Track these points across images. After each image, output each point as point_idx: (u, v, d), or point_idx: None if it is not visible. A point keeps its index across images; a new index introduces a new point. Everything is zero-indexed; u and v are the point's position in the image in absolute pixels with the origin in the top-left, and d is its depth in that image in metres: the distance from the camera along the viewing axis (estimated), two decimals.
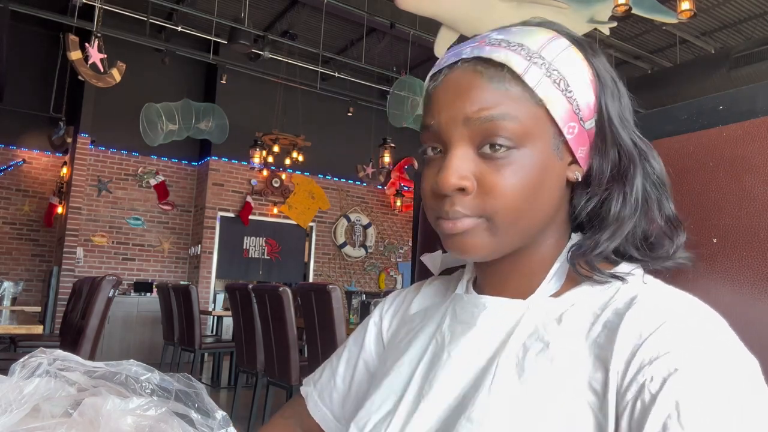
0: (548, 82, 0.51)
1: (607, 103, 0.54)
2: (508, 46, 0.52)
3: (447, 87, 0.53)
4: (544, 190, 0.52)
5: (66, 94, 7.82)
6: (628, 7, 4.36)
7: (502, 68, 0.51)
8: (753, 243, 0.55)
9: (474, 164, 0.52)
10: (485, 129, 0.51)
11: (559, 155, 0.53)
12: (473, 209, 0.52)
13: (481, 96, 0.51)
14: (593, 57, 0.55)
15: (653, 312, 0.45)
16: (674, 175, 0.60)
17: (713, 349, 0.42)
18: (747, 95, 0.58)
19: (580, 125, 0.53)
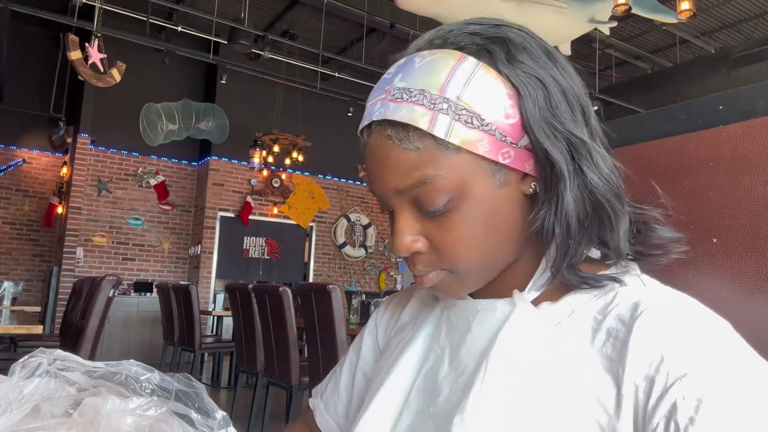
0: (460, 126, 0.48)
1: (529, 117, 0.49)
2: (409, 98, 0.49)
3: (369, 155, 0.52)
4: (499, 224, 0.51)
5: (66, 94, 7.82)
6: (628, 6, 4.36)
7: (407, 128, 0.49)
8: (753, 243, 0.55)
9: (420, 224, 0.52)
10: (417, 195, 0.50)
11: (505, 183, 0.51)
12: (433, 264, 0.53)
13: (397, 165, 0.49)
14: (507, 63, 0.50)
15: (666, 325, 0.44)
16: (674, 175, 0.60)
17: (736, 362, 0.42)
18: (747, 95, 0.58)
19: (513, 147, 0.49)
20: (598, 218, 0.51)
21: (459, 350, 0.54)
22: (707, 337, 0.43)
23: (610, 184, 0.50)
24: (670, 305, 0.46)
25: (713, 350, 0.42)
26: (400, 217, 0.52)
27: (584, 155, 0.50)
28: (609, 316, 0.48)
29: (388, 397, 0.57)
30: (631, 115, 0.72)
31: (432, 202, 0.50)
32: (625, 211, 0.51)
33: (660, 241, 0.53)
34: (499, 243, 0.52)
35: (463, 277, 0.53)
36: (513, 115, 0.49)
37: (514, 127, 0.49)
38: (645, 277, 0.51)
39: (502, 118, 0.49)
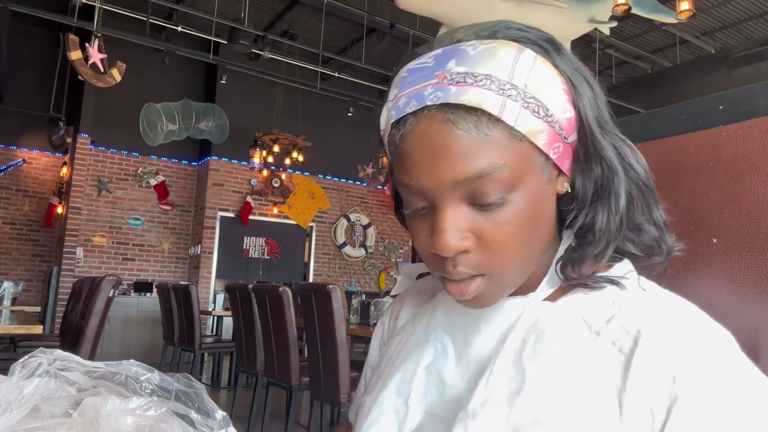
0: (527, 114, 0.46)
1: (586, 112, 0.49)
2: (475, 82, 0.46)
3: (419, 143, 0.47)
4: (543, 223, 0.51)
5: (66, 94, 7.82)
6: (628, 7, 4.36)
7: (475, 112, 0.46)
8: (753, 243, 0.55)
9: (469, 220, 0.48)
10: (475, 186, 0.46)
11: (550, 178, 0.50)
12: (477, 267, 0.49)
13: (462, 152, 0.46)
14: (559, 59, 0.50)
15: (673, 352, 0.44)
16: (674, 175, 0.60)
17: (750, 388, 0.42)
18: (747, 95, 0.58)
19: (564, 143, 0.49)
20: (641, 209, 0.51)
21: (468, 350, 0.54)
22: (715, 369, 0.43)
23: (648, 176, 0.52)
24: (674, 322, 0.46)
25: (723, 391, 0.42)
26: (448, 212, 0.48)
27: (626, 151, 0.51)
28: (612, 324, 0.47)
29: (389, 399, 0.57)
30: (631, 115, 0.72)
31: (490, 194, 0.47)
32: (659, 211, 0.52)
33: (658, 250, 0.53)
34: (540, 242, 0.51)
35: (504, 281, 0.50)
36: (569, 110, 0.49)
37: (569, 122, 0.49)
38: (644, 281, 0.51)
39: (562, 112, 0.49)
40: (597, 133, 0.50)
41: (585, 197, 0.51)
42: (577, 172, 0.51)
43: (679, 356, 0.43)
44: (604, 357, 0.46)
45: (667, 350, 0.43)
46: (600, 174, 0.50)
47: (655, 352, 0.44)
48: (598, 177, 0.50)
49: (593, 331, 0.48)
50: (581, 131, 0.50)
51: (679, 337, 0.44)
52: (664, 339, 0.44)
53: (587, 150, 0.50)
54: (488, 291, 0.50)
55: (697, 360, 0.43)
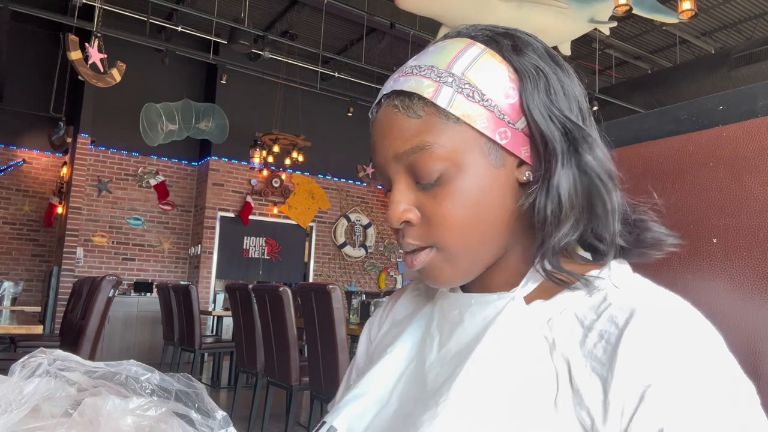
0: (461, 99, 0.51)
1: (528, 98, 0.51)
2: (418, 72, 0.53)
3: (375, 127, 0.55)
4: (491, 205, 0.52)
5: (66, 94, 7.82)
6: (628, 7, 4.36)
7: (413, 97, 0.52)
8: (753, 243, 0.55)
9: (415, 195, 0.53)
10: (414, 162, 0.52)
11: (500, 163, 0.52)
12: (421, 238, 0.53)
13: (400, 131, 0.52)
14: (514, 53, 0.53)
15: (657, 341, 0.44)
16: (674, 175, 0.60)
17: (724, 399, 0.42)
18: (747, 95, 0.58)
19: (510, 128, 0.52)
20: (589, 201, 0.51)
21: (449, 341, 0.55)
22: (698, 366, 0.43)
23: (604, 165, 0.52)
24: (662, 314, 0.46)
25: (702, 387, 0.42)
26: (396, 187, 0.54)
27: (579, 139, 0.52)
28: (602, 317, 0.48)
29: (376, 383, 0.58)
30: (631, 115, 0.72)
31: (427, 171, 0.51)
32: (618, 197, 0.52)
33: (654, 235, 0.53)
34: (490, 225, 0.53)
35: (452, 256, 0.53)
36: (512, 96, 0.52)
37: (513, 108, 0.52)
38: (638, 277, 0.51)
39: (503, 97, 0.51)
40: (537, 116, 0.51)
41: (536, 179, 0.52)
42: (535, 161, 0.53)
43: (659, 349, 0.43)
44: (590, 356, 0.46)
45: (651, 337, 0.44)
46: (541, 156, 0.52)
47: (636, 344, 0.44)
48: (541, 158, 0.52)
49: (583, 326, 0.48)
50: (526, 116, 0.52)
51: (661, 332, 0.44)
52: (649, 326, 0.45)
53: (532, 132, 0.52)
54: (436, 264, 0.54)
55: (677, 351, 0.43)
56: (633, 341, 0.44)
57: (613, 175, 0.53)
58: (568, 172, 0.51)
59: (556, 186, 0.51)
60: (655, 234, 0.53)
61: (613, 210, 0.52)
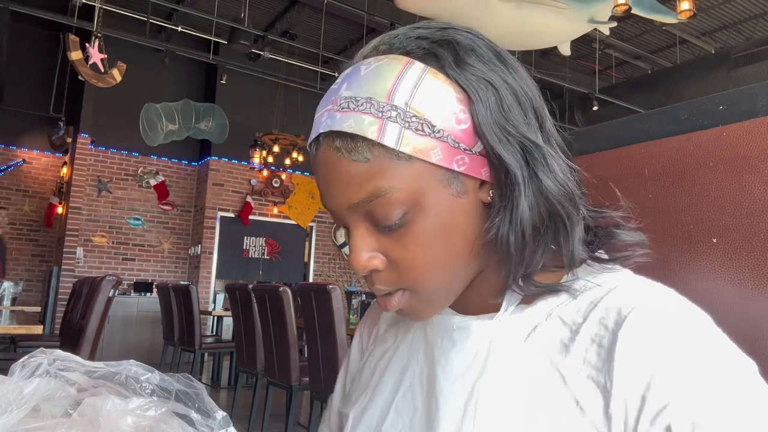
0: (410, 134, 0.46)
1: (480, 121, 0.47)
2: (356, 107, 0.47)
3: (319, 171, 0.51)
4: (458, 237, 0.49)
5: (66, 94, 7.82)
6: (628, 7, 4.36)
7: (356, 139, 0.47)
8: (753, 243, 0.55)
9: (376, 240, 0.50)
10: (370, 210, 0.48)
11: (462, 190, 0.49)
12: (392, 283, 0.51)
13: (349, 178, 0.48)
14: (456, 68, 0.48)
15: (654, 337, 0.43)
16: (674, 175, 0.60)
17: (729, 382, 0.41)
18: (747, 95, 0.58)
19: (467, 154, 0.48)
20: (553, 225, 0.49)
21: (435, 372, 0.53)
22: (697, 352, 0.42)
23: (566, 188, 0.49)
24: (653, 312, 0.45)
25: (705, 369, 0.41)
26: (355, 233, 0.50)
27: (539, 159, 0.48)
28: (590, 319, 0.47)
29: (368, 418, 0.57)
30: (631, 115, 0.72)
31: (387, 217, 0.48)
32: (580, 217, 0.50)
33: (621, 244, 0.51)
34: (459, 257, 0.50)
35: (425, 297, 0.51)
36: (465, 120, 0.47)
37: (466, 133, 0.47)
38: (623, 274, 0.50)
39: (454, 124, 0.47)
40: (493, 141, 0.47)
41: (496, 205, 0.49)
42: (496, 179, 0.49)
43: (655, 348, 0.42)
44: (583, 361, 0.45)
45: (647, 337, 0.43)
46: (502, 182, 0.48)
47: (632, 347, 0.43)
48: (502, 185, 0.48)
49: (571, 330, 0.47)
50: (482, 141, 0.48)
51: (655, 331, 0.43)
52: (643, 326, 0.44)
53: (491, 158, 0.48)
54: (412, 305, 0.52)
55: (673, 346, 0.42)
56: (628, 343, 0.43)
57: (575, 198, 0.50)
58: (530, 201, 0.48)
59: (519, 217, 0.48)
60: (622, 244, 0.51)
61: (577, 237, 0.49)
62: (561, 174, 0.49)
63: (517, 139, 0.48)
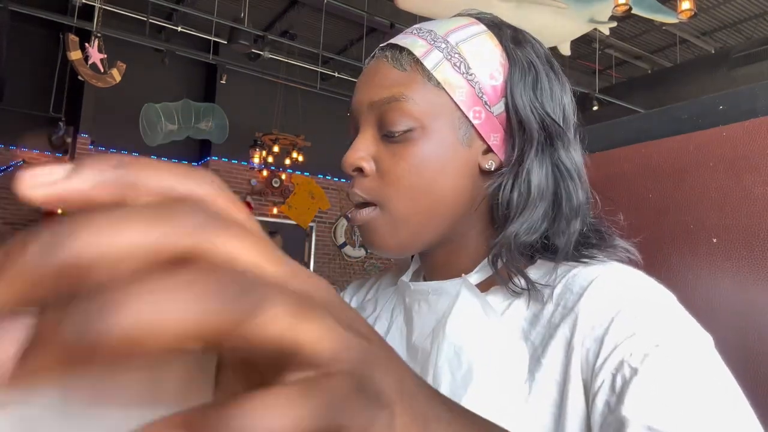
0: (447, 65, 0.51)
1: (513, 85, 0.52)
2: (417, 33, 0.54)
3: (363, 75, 0.56)
4: (446, 180, 0.51)
5: (66, 94, 7.82)
6: (628, 6, 4.36)
7: (403, 51, 0.53)
8: (753, 242, 0.55)
9: (375, 147, 0.53)
10: (384, 111, 0.52)
11: (467, 142, 0.52)
12: (369, 192, 0.53)
13: (382, 79, 0.53)
14: (513, 43, 0.54)
15: (615, 290, 0.45)
16: (674, 175, 0.60)
17: (683, 328, 0.42)
18: (747, 95, 0.58)
19: (486, 110, 0.52)
20: (557, 194, 0.51)
21: (412, 336, 0.54)
22: (654, 301, 0.44)
23: (576, 163, 0.52)
24: (622, 272, 0.47)
25: (660, 312, 0.43)
26: (361, 134, 0.54)
27: (555, 135, 0.51)
28: (559, 287, 0.48)
29: None
30: (631, 115, 0.72)
31: (395, 122, 0.51)
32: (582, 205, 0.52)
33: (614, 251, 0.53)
34: (439, 200, 0.52)
35: (394, 220, 0.52)
36: (497, 78, 0.52)
37: (494, 90, 0.52)
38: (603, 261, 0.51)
39: (487, 76, 0.52)
40: (519, 102, 0.51)
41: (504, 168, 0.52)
42: (505, 153, 0.52)
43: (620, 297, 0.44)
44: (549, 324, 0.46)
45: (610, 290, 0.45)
46: (515, 143, 0.51)
47: (598, 294, 0.45)
48: (515, 146, 0.51)
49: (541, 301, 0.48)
50: (506, 103, 0.52)
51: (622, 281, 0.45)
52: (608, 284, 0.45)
53: (511, 121, 0.52)
54: (376, 224, 0.53)
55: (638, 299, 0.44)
56: (591, 298, 0.45)
57: (583, 175, 0.53)
58: (541, 161, 0.51)
59: (527, 172, 0.50)
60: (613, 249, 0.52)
61: (578, 208, 0.51)
62: (575, 154, 0.52)
63: (540, 114, 0.51)
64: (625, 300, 0.43)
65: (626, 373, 0.40)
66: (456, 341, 0.48)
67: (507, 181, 0.51)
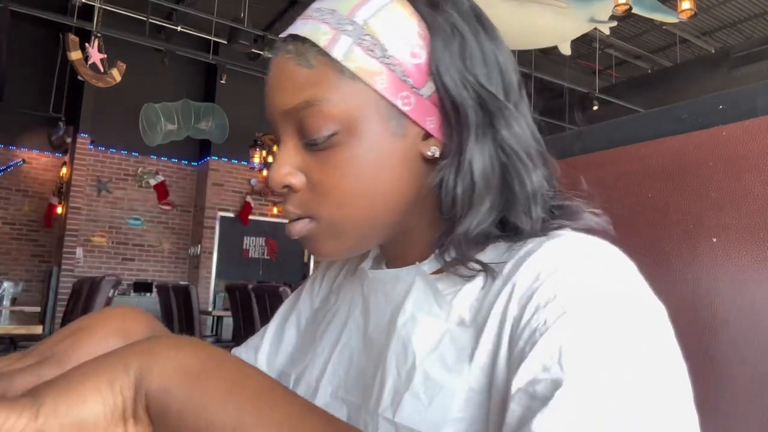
0: (359, 51, 0.44)
1: (438, 61, 0.45)
2: (318, 16, 0.46)
3: (269, 76, 0.49)
4: (386, 179, 0.46)
5: (66, 94, 7.82)
6: (628, 6, 4.37)
7: (306, 43, 0.46)
8: (753, 242, 0.55)
9: (301, 157, 0.47)
10: (301, 119, 0.46)
11: (401, 132, 0.46)
12: (303, 207, 0.48)
13: (290, 81, 0.46)
14: (430, 7, 0.46)
15: (552, 254, 0.41)
16: (674, 174, 0.59)
17: (608, 294, 0.38)
18: (747, 95, 0.58)
19: (414, 93, 0.46)
20: (506, 178, 0.46)
21: (368, 329, 0.51)
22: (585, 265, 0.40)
23: (523, 142, 0.46)
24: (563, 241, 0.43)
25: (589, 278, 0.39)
26: (282, 146, 0.48)
27: (495, 111, 0.46)
28: (511, 262, 0.44)
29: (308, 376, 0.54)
30: (631, 115, 0.72)
31: (316, 129, 0.45)
32: (535, 181, 0.46)
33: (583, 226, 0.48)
34: (382, 201, 0.47)
35: (335, 231, 0.48)
36: (420, 56, 0.46)
37: (418, 69, 0.46)
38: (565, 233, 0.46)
39: (407, 56, 0.45)
40: (447, 80, 0.45)
41: (445, 154, 0.46)
42: (446, 136, 0.47)
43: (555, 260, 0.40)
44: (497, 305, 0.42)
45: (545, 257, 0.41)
46: (452, 128, 0.46)
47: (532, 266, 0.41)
48: (453, 131, 0.46)
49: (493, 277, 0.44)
50: (435, 83, 0.46)
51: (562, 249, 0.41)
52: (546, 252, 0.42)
53: (443, 104, 0.46)
54: (316, 237, 0.49)
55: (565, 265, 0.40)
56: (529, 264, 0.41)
57: (534, 153, 0.47)
58: (482, 147, 0.45)
59: (468, 162, 0.45)
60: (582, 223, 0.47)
61: (534, 192, 0.46)
62: (518, 129, 0.47)
63: (474, 87, 0.46)
64: (557, 265, 0.40)
65: (541, 331, 0.36)
66: (404, 334, 0.46)
67: (448, 175, 0.45)
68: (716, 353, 0.52)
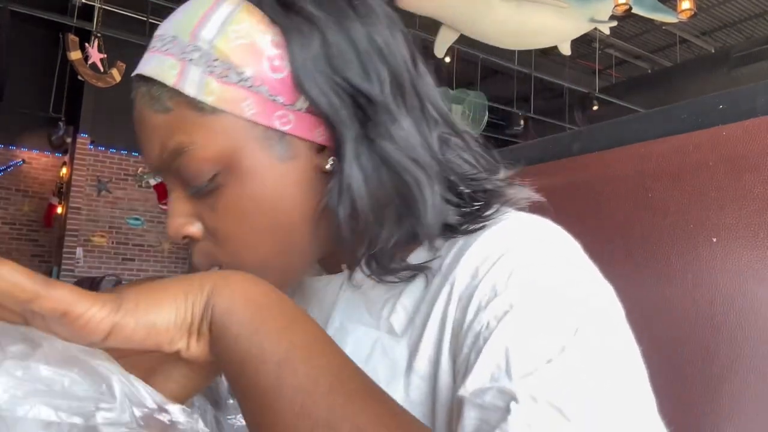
0: (213, 81, 0.39)
1: (298, 68, 0.40)
2: (162, 46, 0.42)
3: (135, 123, 0.45)
4: (285, 205, 0.42)
5: (66, 94, 7.82)
6: (628, 6, 4.37)
7: (155, 85, 0.41)
8: (753, 242, 0.55)
9: (192, 206, 0.43)
10: (176, 169, 0.42)
11: (289, 154, 0.41)
12: (209, 257, 0.44)
13: (152, 132, 0.43)
14: (281, 5, 0.41)
15: (488, 245, 0.39)
16: (674, 174, 0.60)
17: (550, 282, 0.36)
18: (747, 95, 0.58)
19: (291, 110, 0.41)
20: (401, 198, 0.41)
21: None
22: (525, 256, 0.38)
23: (410, 153, 0.41)
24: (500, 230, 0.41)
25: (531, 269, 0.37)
26: (171, 196, 0.45)
27: (375, 118, 0.40)
28: (449, 257, 0.42)
29: None
30: (630, 115, 0.72)
31: (195, 176, 0.41)
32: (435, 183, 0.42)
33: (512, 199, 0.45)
34: (290, 231, 0.43)
35: (251, 271, 0.42)
36: (281, 68, 0.40)
37: (284, 84, 0.40)
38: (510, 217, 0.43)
39: (268, 72, 0.40)
40: (312, 90, 0.40)
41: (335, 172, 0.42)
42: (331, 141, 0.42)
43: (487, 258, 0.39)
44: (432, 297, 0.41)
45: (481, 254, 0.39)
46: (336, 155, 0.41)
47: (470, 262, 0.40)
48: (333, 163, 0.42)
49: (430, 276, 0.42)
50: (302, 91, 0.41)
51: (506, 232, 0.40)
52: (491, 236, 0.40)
53: (320, 115, 0.41)
54: None
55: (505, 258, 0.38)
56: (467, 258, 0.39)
57: (424, 163, 0.42)
58: (363, 164, 0.40)
59: (348, 187, 0.40)
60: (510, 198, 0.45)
61: (440, 206, 0.42)
62: (405, 135, 0.41)
63: (348, 92, 0.40)
64: (493, 257, 0.38)
65: (485, 336, 0.34)
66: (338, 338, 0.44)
67: (331, 197, 0.41)
68: (716, 353, 0.53)
